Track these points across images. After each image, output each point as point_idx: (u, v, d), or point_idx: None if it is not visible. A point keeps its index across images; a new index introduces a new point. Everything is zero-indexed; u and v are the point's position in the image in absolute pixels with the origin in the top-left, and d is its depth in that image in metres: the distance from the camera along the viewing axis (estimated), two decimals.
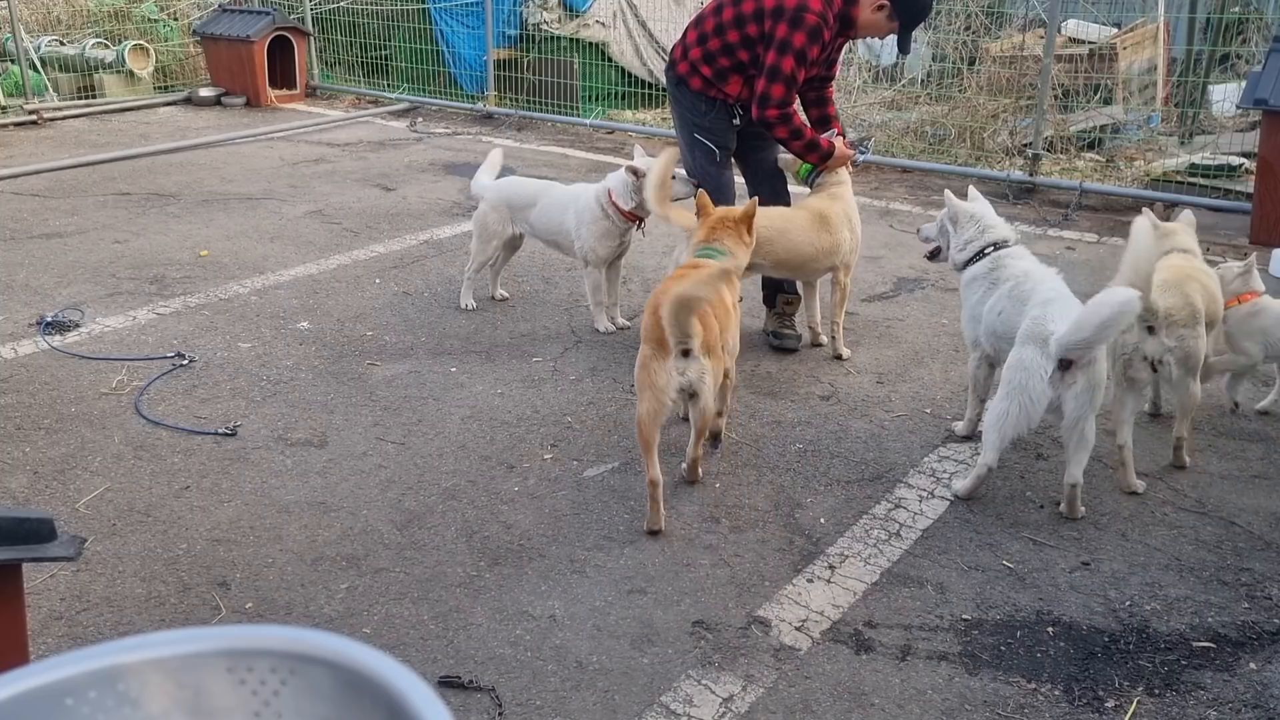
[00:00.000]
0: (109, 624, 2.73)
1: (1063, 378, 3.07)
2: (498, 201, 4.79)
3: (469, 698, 2.46)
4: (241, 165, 7.96)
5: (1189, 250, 3.70)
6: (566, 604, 2.81)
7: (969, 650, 2.65)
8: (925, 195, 7.20)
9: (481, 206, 4.84)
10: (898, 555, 3.06)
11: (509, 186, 4.87)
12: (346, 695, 0.75)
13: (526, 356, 4.47)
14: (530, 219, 4.75)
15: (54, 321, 4.69)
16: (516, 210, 4.78)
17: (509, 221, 4.80)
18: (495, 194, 4.81)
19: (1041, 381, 3.08)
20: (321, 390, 4.11)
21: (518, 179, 5.00)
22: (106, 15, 11.19)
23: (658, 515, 3.12)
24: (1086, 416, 3.12)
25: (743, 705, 2.45)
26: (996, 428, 3.21)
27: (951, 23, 9.00)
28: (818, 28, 4.12)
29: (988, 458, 3.27)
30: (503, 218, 4.79)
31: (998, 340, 3.48)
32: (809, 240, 4.12)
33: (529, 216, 4.75)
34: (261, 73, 10.30)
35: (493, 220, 4.80)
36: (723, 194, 4.39)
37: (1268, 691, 2.51)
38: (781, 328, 4.61)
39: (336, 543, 3.09)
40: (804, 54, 4.14)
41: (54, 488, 3.38)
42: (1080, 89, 8.24)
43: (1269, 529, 3.21)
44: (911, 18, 4.26)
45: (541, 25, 9.86)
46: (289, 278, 5.41)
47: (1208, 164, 7.00)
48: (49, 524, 1.75)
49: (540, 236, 4.82)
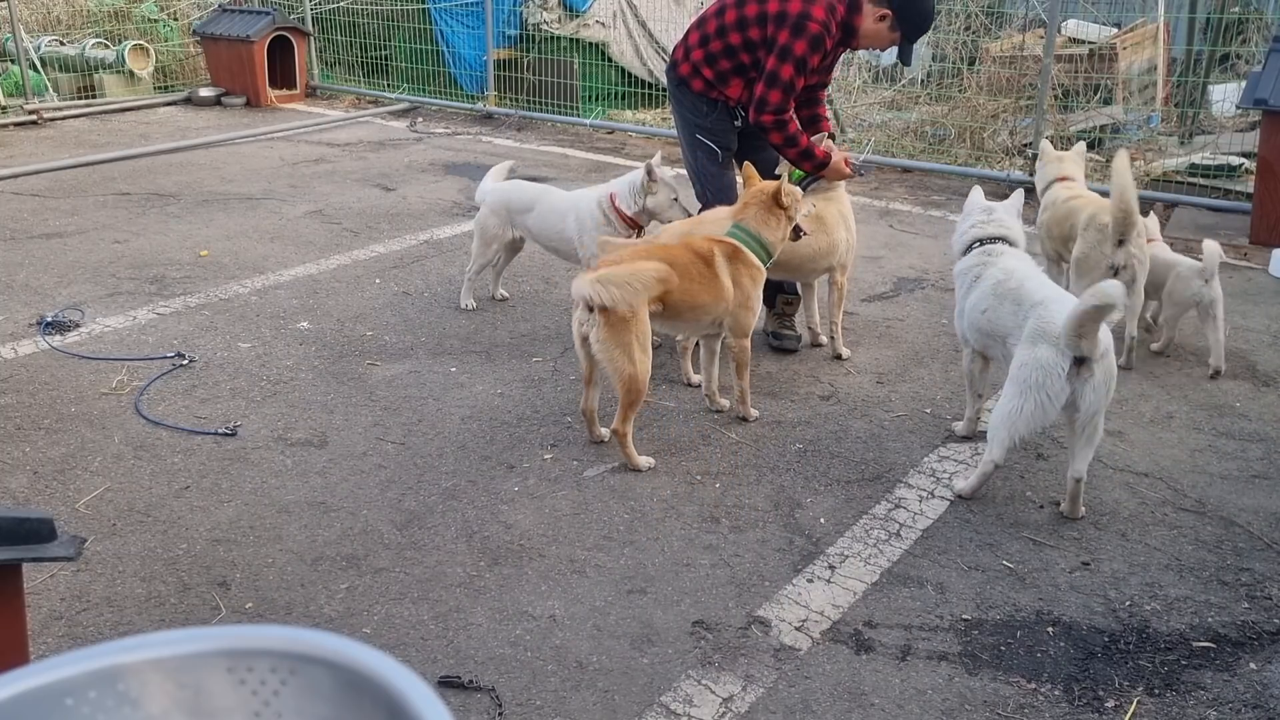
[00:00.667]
0: (109, 624, 2.73)
1: (1079, 373, 3.09)
2: (497, 205, 4.81)
3: (469, 698, 2.46)
4: (241, 165, 7.96)
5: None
6: (566, 604, 2.81)
7: (969, 650, 2.65)
8: (925, 195, 7.20)
9: (482, 210, 4.87)
10: (898, 555, 3.06)
11: (508, 190, 4.88)
12: (346, 695, 0.75)
13: (526, 356, 4.47)
14: (528, 223, 4.77)
15: (54, 321, 4.69)
16: (515, 214, 4.79)
17: (509, 225, 4.82)
18: (495, 198, 4.84)
19: (1060, 379, 3.09)
20: (321, 390, 4.11)
21: (517, 182, 5.01)
22: (106, 15, 11.19)
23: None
24: (1100, 410, 3.15)
25: (743, 705, 2.45)
26: (1006, 425, 3.19)
27: (951, 23, 9.00)
28: (820, 37, 4.12)
29: (994, 455, 3.25)
30: (502, 221, 4.81)
31: (982, 337, 3.50)
32: (806, 241, 4.13)
33: (527, 221, 4.76)
34: (261, 73, 10.31)
35: (492, 224, 4.82)
36: (724, 195, 4.40)
37: (1268, 691, 2.51)
38: (781, 328, 4.62)
39: (336, 543, 3.09)
40: (804, 62, 4.14)
41: (54, 488, 3.38)
42: (1080, 89, 8.24)
43: (1269, 529, 3.21)
44: (913, 29, 4.26)
45: (541, 25, 9.86)
46: (289, 278, 5.41)
47: (1208, 164, 7.00)
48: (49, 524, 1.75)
49: (539, 241, 4.83)
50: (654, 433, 3.79)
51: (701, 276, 3.62)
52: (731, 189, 4.50)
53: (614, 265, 3.43)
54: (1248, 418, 3.95)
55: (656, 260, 3.48)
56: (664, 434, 3.78)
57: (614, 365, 3.42)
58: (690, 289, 3.58)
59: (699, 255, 3.65)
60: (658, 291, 3.44)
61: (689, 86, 4.43)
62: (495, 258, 4.94)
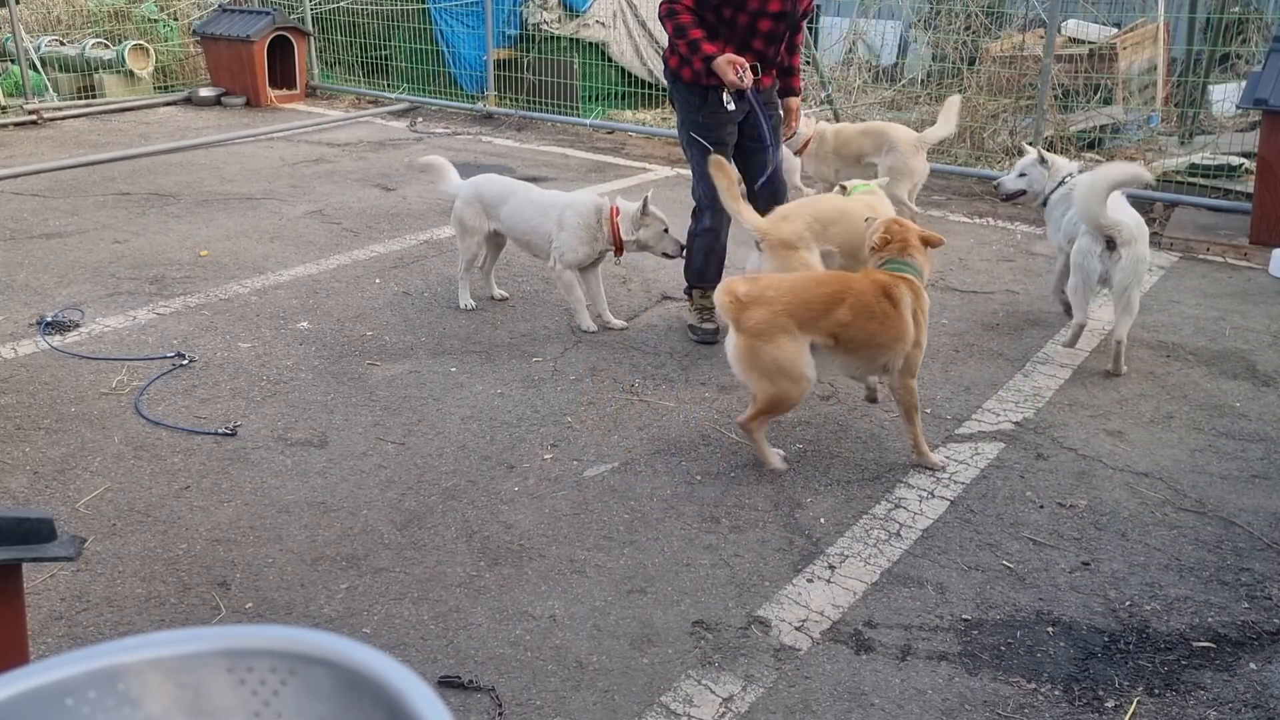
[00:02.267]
0: (109, 624, 2.73)
1: (1110, 255, 4.17)
2: (470, 197, 4.89)
3: (469, 698, 2.46)
4: (241, 165, 7.96)
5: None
6: (566, 604, 2.81)
7: (969, 650, 2.65)
8: (925, 195, 7.19)
9: (456, 204, 4.94)
10: (898, 555, 3.06)
11: (480, 183, 4.96)
12: (346, 695, 0.75)
13: (526, 356, 4.47)
14: (501, 215, 4.83)
15: (54, 321, 4.69)
16: (489, 206, 4.86)
17: (484, 216, 4.88)
18: (468, 190, 4.92)
19: (1094, 259, 4.21)
20: (321, 390, 4.11)
21: (489, 175, 5.13)
22: (106, 15, 11.19)
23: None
24: (1131, 286, 4.17)
25: (743, 705, 2.45)
26: (1076, 293, 4.36)
27: (951, 23, 9.00)
28: None
29: (1079, 317, 4.39)
30: (477, 213, 4.88)
31: (1068, 242, 4.54)
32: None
33: (500, 213, 4.83)
34: (261, 73, 10.31)
35: (469, 215, 4.88)
36: (715, 194, 4.41)
37: (1268, 691, 2.51)
38: (701, 321, 4.67)
39: (336, 543, 3.09)
40: None
41: (54, 488, 3.38)
42: (1080, 89, 8.24)
43: (1269, 529, 3.21)
44: None
45: (541, 25, 9.86)
46: (289, 278, 5.42)
47: (1208, 164, 7.00)
48: (49, 524, 1.75)
49: (511, 233, 4.88)
50: (654, 433, 3.79)
51: (884, 314, 3.40)
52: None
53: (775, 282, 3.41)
54: (1248, 418, 3.95)
55: (833, 288, 3.38)
56: (664, 434, 3.78)
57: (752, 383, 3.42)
58: (868, 325, 3.38)
59: (882, 289, 3.42)
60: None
61: (681, 78, 4.46)
62: (480, 251, 4.98)
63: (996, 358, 4.47)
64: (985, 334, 4.76)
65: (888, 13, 10.34)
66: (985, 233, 6.43)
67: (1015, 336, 4.72)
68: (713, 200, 4.39)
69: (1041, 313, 5.01)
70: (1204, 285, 5.45)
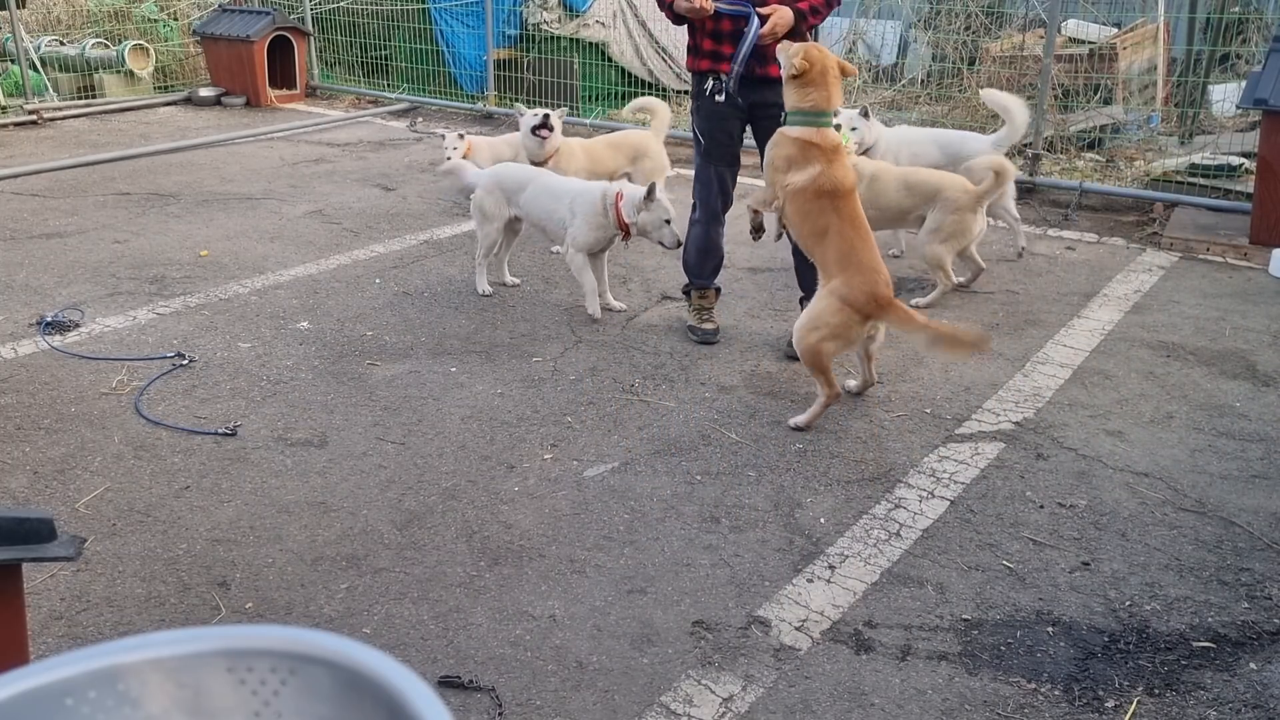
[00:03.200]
0: (109, 624, 2.73)
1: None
2: (491, 185, 5.08)
3: (469, 698, 2.46)
4: (241, 165, 7.96)
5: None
6: (566, 604, 2.81)
7: (969, 650, 2.65)
8: None
9: (477, 193, 5.12)
10: (898, 555, 3.06)
11: (499, 171, 5.17)
12: (346, 695, 0.75)
13: (526, 356, 4.47)
14: (520, 201, 5.02)
15: (54, 321, 4.69)
16: (508, 192, 5.04)
17: (504, 203, 5.06)
18: (488, 178, 5.12)
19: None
20: (321, 390, 4.11)
21: (509, 164, 5.34)
22: (106, 15, 11.19)
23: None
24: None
25: (743, 705, 2.45)
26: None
27: (951, 23, 9.00)
28: None
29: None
30: (498, 200, 5.06)
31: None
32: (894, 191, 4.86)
33: (519, 199, 5.02)
34: (261, 73, 10.30)
35: (489, 203, 5.07)
36: (705, 188, 4.54)
37: (1268, 691, 2.51)
38: (700, 322, 4.69)
39: (336, 543, 3.09)
40: None
41: (54, 488, 3.38)
42: (1080, 89, 8.23)
43: (1269, 529, 3.21)
44: None
45: (541, 25, 9.86)
46: (289, 278, 5.42)
47: (1208, 164, 6.99)
48: (49, 524, 1.75)
49: (530, 218, 5.07)
50: (654, 433, 3.79)
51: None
52: (709, 186, 4.54)
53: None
54: (1248, 418, 3.95)
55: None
56: (664, 434, 3.78)
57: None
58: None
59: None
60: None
61: (689, 68, 4.50)
62: (498, 238, 5.14)
63: (996, 358, 4.47)
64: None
65: (888, 13, 10.34)
66: (985, 233, 6.41)
67: (1015, 336, 4.72)
68: (704, 199, 4.50)
69: (1041, 313, 5.01)
70: (1204, 285, 5.45)
